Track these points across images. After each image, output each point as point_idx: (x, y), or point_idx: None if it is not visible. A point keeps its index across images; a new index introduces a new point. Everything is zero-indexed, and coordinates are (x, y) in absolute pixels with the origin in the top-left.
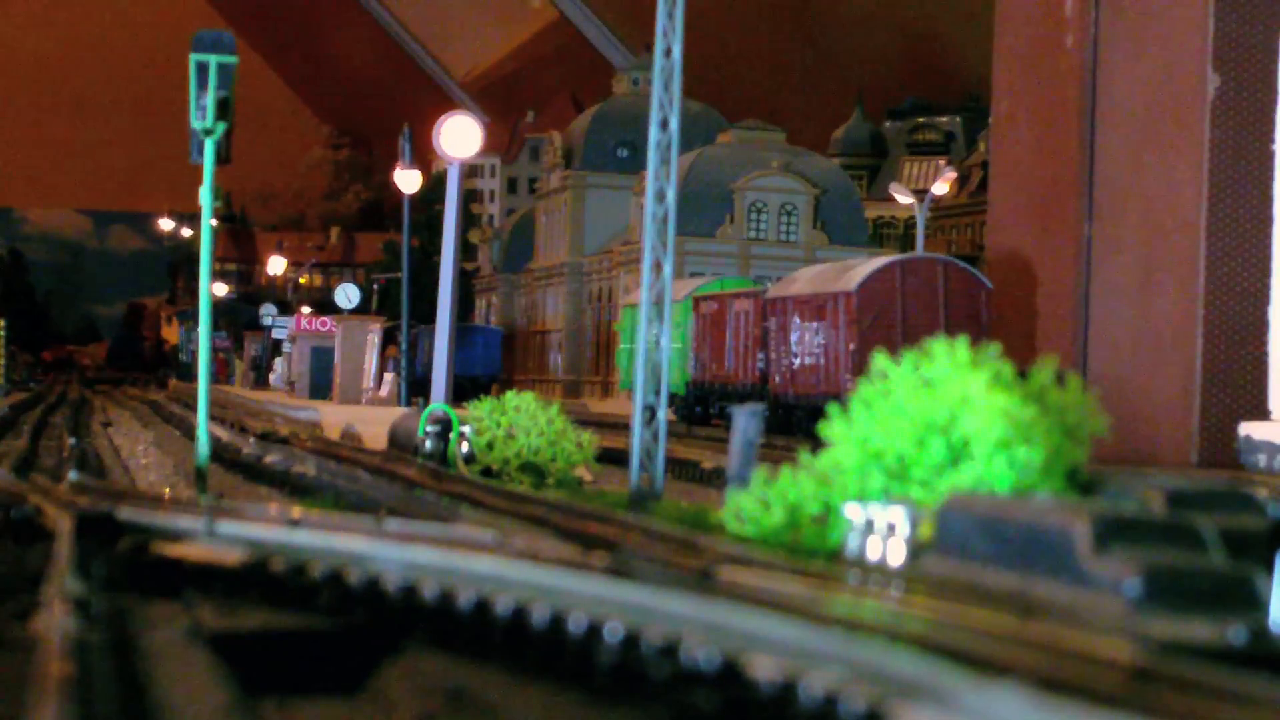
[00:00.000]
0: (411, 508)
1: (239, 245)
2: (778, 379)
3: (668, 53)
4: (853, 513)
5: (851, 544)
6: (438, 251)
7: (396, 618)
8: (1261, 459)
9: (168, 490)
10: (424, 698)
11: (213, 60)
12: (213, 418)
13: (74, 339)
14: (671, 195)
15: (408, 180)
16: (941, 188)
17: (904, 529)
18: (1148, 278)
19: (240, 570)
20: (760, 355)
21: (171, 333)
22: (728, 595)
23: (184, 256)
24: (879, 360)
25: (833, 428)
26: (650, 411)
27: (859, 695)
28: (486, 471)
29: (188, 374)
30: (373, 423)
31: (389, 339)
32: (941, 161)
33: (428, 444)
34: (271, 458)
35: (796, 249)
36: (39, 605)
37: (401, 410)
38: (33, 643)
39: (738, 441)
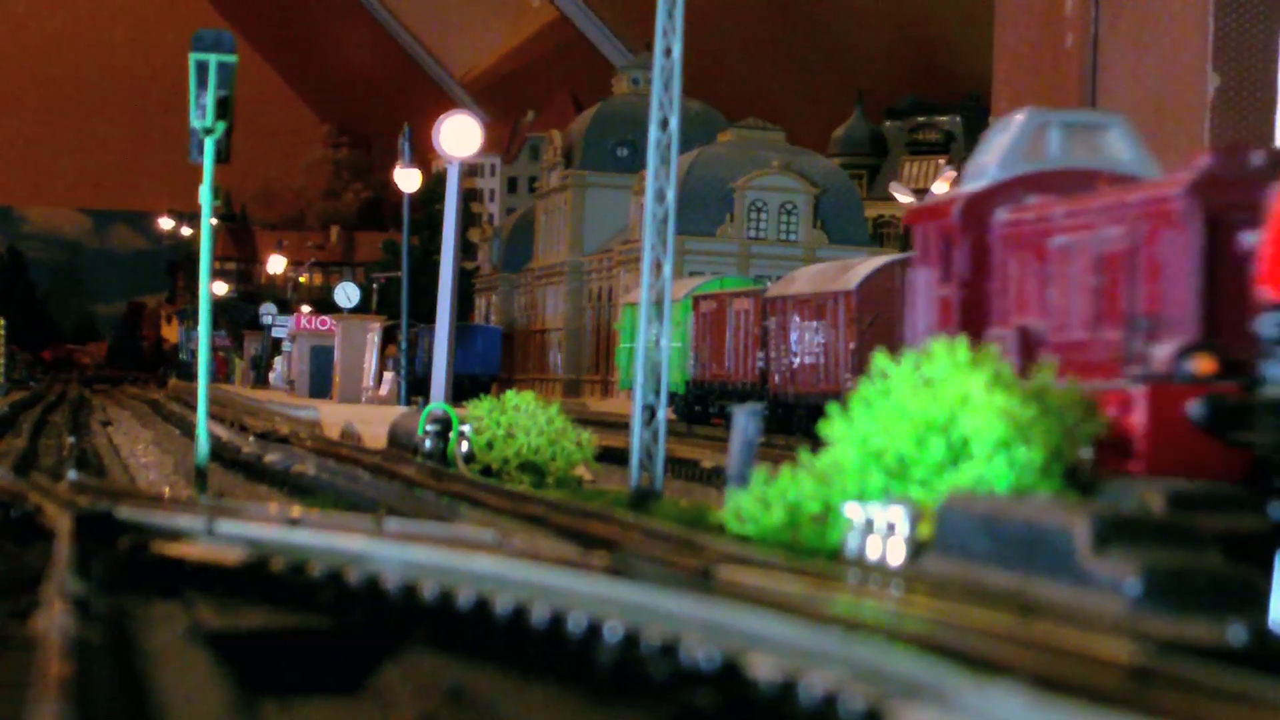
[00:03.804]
0: (411, 507)
1: (239, 244)
2: (777, 378)
3: (668, 52)
4: (853, 512)
5: (851, 544)
6: (438, 250)
7: (396, 617)
8: None
9: (167, 489)
10: (424, 697)
11: (212, 59)
12: (213, 417)
13: (74, 338)
14: (671, 195)
15: (407, 179)
16: (941, 187)
17: (904, 529)
18: None
19: (240, 570)
20: (760, 354)
21: (171, 332)
22: (727, 595)
23: (184, 256)
24: (879, 360)
25: (833, 427)
26: (650, 411)
27: (859, 695)
28: (486, 471)
29: (187, 373)
30: (372, 422)
31: (389, 338)
32: (941, 161)
33: (427, 443)
34: (271, 457)
35: (796, 248)
36: (39, 605)
37: (401, 409)
38: (33, 642)
39: (737, 441)
